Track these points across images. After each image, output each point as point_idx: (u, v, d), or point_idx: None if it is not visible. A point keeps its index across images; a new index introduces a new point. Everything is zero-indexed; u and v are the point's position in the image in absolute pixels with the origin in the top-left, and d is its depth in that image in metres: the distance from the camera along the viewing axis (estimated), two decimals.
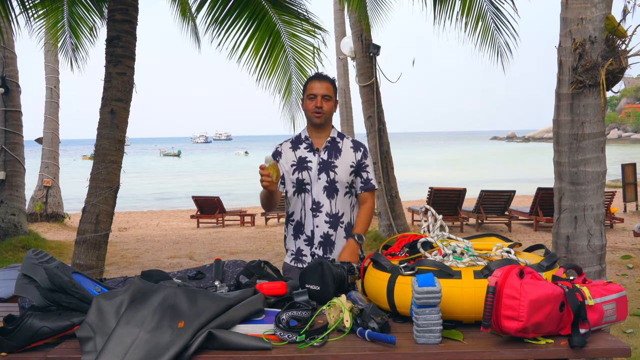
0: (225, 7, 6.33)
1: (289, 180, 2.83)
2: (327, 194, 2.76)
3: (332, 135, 2.84)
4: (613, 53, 2.96)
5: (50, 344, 1.85)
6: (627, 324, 4.79)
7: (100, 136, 5.04)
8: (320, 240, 2.78)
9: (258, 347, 1.76)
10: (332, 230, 2.78)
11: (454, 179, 25.91)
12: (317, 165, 2.78)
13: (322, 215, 2.77)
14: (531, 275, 1.81)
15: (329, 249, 2.78)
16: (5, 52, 9.11)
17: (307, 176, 2.79)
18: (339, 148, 2.82)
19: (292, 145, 2.88)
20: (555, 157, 3.19)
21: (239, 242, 10.47)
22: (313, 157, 2.80)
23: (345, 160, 2.80)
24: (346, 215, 2.80)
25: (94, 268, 4.91)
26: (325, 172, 2.77)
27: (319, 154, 2.80)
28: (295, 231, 2.84)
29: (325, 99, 2.75)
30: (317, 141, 2.83)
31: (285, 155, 2.86)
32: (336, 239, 2.79)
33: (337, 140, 2.84)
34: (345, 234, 2.80)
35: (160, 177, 39.22)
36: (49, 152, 12.97)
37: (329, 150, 2.81)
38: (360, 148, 2.85)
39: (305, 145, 2.84)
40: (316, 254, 2.79)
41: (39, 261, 1.94)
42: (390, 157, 9.06)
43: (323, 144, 2.82)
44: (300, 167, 2.81)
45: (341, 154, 2.80)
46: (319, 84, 2.76)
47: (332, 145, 2.82)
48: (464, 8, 6.46)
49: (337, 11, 13.16)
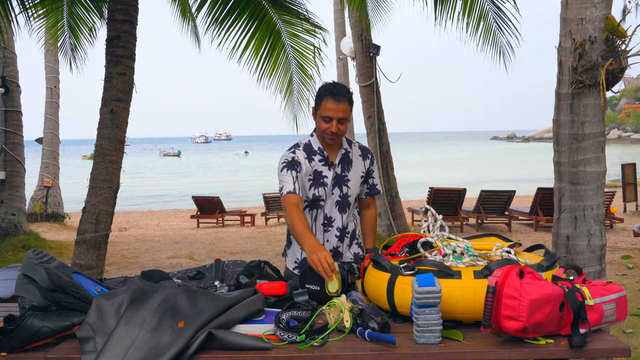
0: (225, 7, 6.33)
1: (303, 194, 2.61)
2: (339, 208, 2.68)
3: (344, 146, 2.67)
4: (613, 53, 2.95)
5: (50, 344, 1.85)
6: (627, 324, 4.79)
7: (100, 136, 5.04)
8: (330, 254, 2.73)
9: (258, 347, 1.76)
10: (340, 242, 2.72)
11: (454, 179, 25.91)
12: (332, 180, 2.64)
13: (334, 230, 2.69)
14: (531, 275, 1.81)
15: (335, 258, 2.68)
16: (5, 52, 9.11)
17: (323, 192, 2.64)
18: (350, 159, 2.69)
19: (306, 155, 2.63)
20: (555, 157, 3.19)
21: (239, 242, 10.47)
22: (328, 172, 2.63)
23: (356, 171, 2.69)
24: (350, 225, 2.76)
25: (94, 268, 4.90)
26: (338, 186, 2.65)
27: (334, 168, 2.64)
28: None
29: (341, 122, 2.52)
30: (332, 154, 2.66)
31: (303, 166, 2.60)
32: (343, 250, 2.75)
33: (348, 150, 2.69)
34: (349, 242, 2.77)
35: (160, 177, 39.22)
36: (49, 152, 12.97)
37: (342, 163, 2.67)
38: (368, 155, 2.74)
39: (320, 158, 2.64)
40: None
41: (39, 261, 1.94)
42: (390, 157, 9.07)
43: (337, 157, 2.66)
44: (317, 182, 2.63)
45: (352, 165, 2.68)
46: (336, 106, 2.49)
47: (344, 157, 2.67)
48: (465, 8, 6.46)
49: (337, 11, 13.16)
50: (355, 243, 2.82)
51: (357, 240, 2.83)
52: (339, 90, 2.52)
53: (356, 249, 2.81)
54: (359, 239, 2.85)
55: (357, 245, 2.83)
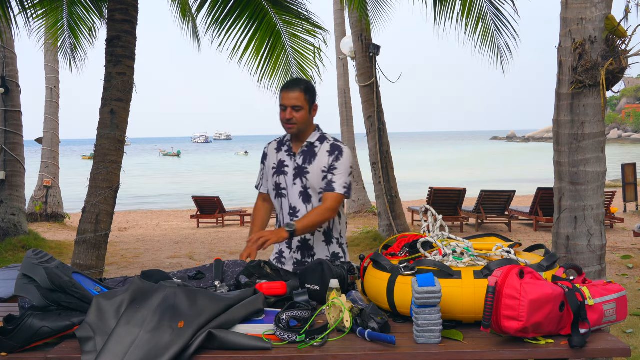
0: (225, 7, 6.33)
1: (271, 183, 2.83)
2: (303, 199, 2.72)
3: (311, 140, 2.75)
4: (613, 53, 2.96)
5: (50, 344, 1.85)
6: (627, 324, 4.79)
7: (100, 136, 5.04)
8: (298, 244, 2.76)
9: (258, 347, 1.76)
10: (310, 234, 2.73)
11: (454, 179, 25.91)
12: (293, 171, 2.74)
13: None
14: (531, 275, 1.81)
15: (307, 253, 2.75)
16: (5, 52, 9.10)
17: (284, 181, 2.77)
18: (315, 153, 2.73)
19: (277, 146, 2.85)
20: (555, 157, 3.19)
21: (239, 242, 10.47)
22: (290, 162, 2.76)
23: (317, 165, 2.70)
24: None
25: (94, 268, 4.91)
26: (299, 177, 2.72)
27: (295, 158, 2.75)
28: None
29: (295, 109, 2.66)
30: (296, 145, 2.79)
31: (270, 157, 2.85)
32: (314, 244, 2.75)
33: (315, 145, 2.74)
34: (324, 238, 2.76)
35: (160, 177, 39.23)
36: (49, 152, 12.96)
37: (304, 155, 2.74)
38: (335, 152, 2.71)
39: (286, 148, 2.81)
40: (295, 258, 2.76)
41: (39, 261, 1.94)
42: (390, 157, 9.06)
43: (299, 149, 2.76)
44: (279, 170, 2.79)
45: (315, 158, 2.72)
46: (288, 94, 2.66)
47: (308, 150, 2.74)
48: (464, 9, 6.46)
49: (337, 11, 13.17)
50: (336, 242, 2.80)
51: (339, 240, 2.81)
52: (292, 81, 2.76)
53: (336, 249, 2.79)
54: (341, 242, 2.83)
55: (338, 245, 2.80)
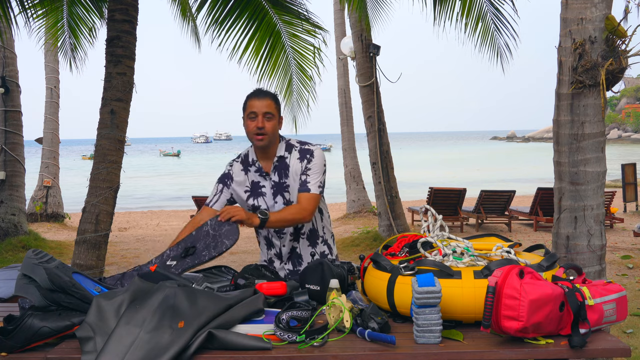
0: (225, 7, 6.33)
1: (245, 206, 2.70)
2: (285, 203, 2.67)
3: (279, 153, 2.65)
4: (613, 53, 2.96)
5: (50, 344, 1.85)
6: (627, 324, 4.79)
7: (100, 136, 5.04)
8: (289, 255, 2.76)
9: (258, 347, 1.76)
10: (296, 243, 2.74)
11: (454, 179, 25.91)
12: (271, 190, 2.66)
13: (287, 235, 2.72)
14: (531, 275, 1.81)
15: (297, 261, 2.75)
16: (5, 52, 9.10)
17: (263, 202, 2.68)
18: (287, 164, 2.65)
19: (242, 166, 2.71)
20: (555, 157, 3.19)
21: (239, 242, 10.46)
22: (265, 182, 2.66)
23: (293, 176, 2.64)
24: (306, 225, 2.73)
25: (94, 268, 4.91)
26: (280, 194, 2.65)
27: (269, 177, 2.66)
28: (267, 242, 2.79)
29: (267, 117, 2.55)
30: (265, 164, 2.67)
31: (237, 178, 2.70)
32: (301, 250, 2.75)
33: (285, 157, 2.65)
34: (308, 242, 2.75)
35: (160, 177, 39.23)
36: (49, 152, 12.96)
37: (277, 170, 2.65)
38: (307, 155, 2.64)
39: (255, 169, 2.68)
40: (287, 269, 2.77)
41: (39, 261, 1.94)
42: (390, 157, 9.06)
43: (271, 166, 2.66)
44: (255, 192, 2.68)
45: (289, 170, 2.64)
46: (259, 102, 2.56)
47: (279, 164, 2.65)
48: (464, 9, 6.46)
49: (337, 11, 13.17)
50: (321, 242, 2.78)
51: (323, 239, 2.79)
52: (259, 90, 2.63)
53: (322, 247, 2.78)
54: (326, 238, 2.80)
55: (324, 244, 2.79)
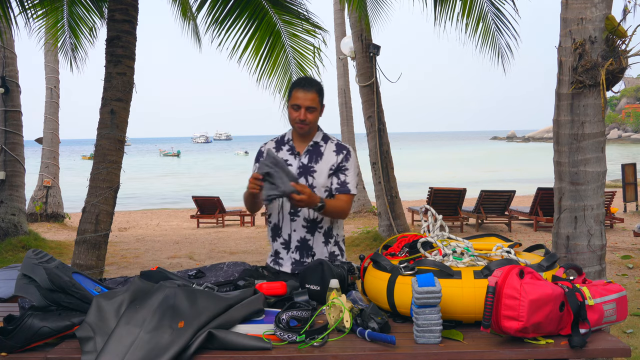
0: (225, 7, 6.33)
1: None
2: None
3: (316, 139, 2.75)
4: (613, 53, 2.96)
5: (50, 344, 1.85)
6: (627, 324, 4.79)
7: (100, 136, 5.04)
8: (297, 244, 2.70)
9: (258, 347, 1.76)
10: (310, 235, 2.70)
11: (454, 179, 25.91)
12: (297, 170, 2.69)
13: (300, 219, 2.68)
14: (531, 275, 1.81)
15: (306, 253, 2.70)
16: (5, 52, 9.10)
17: None
18: (321, 152, 2.73)
19: (275, 145, 2.81)
20: (555, 157, 3.19)
21: (239, 242, 10.47)
22: (294, 161, 2.72)
23: (325, 164, 2.70)
24: (326, 221, 2.71)
25: (94, 268, 4.90)
26: (304, 176, 2.68)
27: (300, 157, 2.72)
28: (273, 233, 2.77)
29: (309, 110, 2.65)
30: (300, 145, 2.76)
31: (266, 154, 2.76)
32: (314, 244, 2.71)
33: (320, 144, 2.75)
34: (324, 239, 2.72)
35: (160, 177, 39.22)
36: (49, 152, 12.96)
37: (310, 154, 2.73)
38: (343, 151, 2.73)
39: (287, 148, 2.77)
40: (293, 259, 2.71)
41: (39, 261, 1.94)
42: (390, 157, 9.06)
43: (305, 148, 2.74)
44: None
45: (322, 157, 2.71)
46: (304, 94, 2.64)
47: (314, 149, 2.73)
48: (464, 9, 6.45)
49: (337, 11, 13.17)
50: (334, 242, 2.76)
51: (336, 240, 2.77)
52: (307, 81, 2.72)
53: (333, 248, 2.75)
54: (337, 237, 2.78)
55: (336, 245, 2.77)
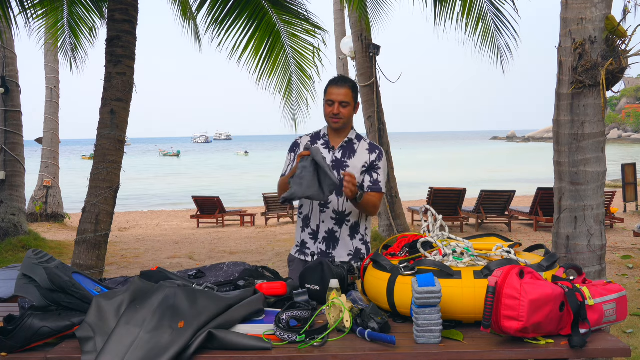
0: (225, 7, 6.32)
1: None
2: (337, 192, 2.76)
3: (350, 136, 2.87)
4: (613, 53, 2.96)
5: (50, 344, 1.85)
6: (627, 324, 4.79)
7: (100, 136, 5.04)
8: (325, 235, 2.80)
9: (258, 347, 1.76)
10: (337, 227, 2.79)
11: (454, 179, 25.90)
12: (331, 163, 2.79)
13: (329, 211, 2.79)
14: (531, 275, 1.81)
15: (332, 244, 2.79)
16: (5, 52, 9.10)
17: None
18: (354, 149, 2.85)
19: (311, 139, 2.92)
20: (555, 157, 3.19)
21: (239, 242, 10.47)
22: (328, 155, 2.83)
23: (357, 160, 2.81)
24: (354, 215, 2.81)
25: (94, 268, 4.90)
26: (337, 170, 2.78)
27: (334, 152, 2.84)
28: (303, 224, 2.87)
29: (342, 105, 2.77)
30: (334, 140, 2.87)
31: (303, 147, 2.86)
32: (340, 236, 2.80)
33: (354, 142, 2.87)
34: (349, 232, 2.80)
35: (160, 177, 39.23)
36: (49, 152, 12.97)
37: (344, 150, 2.84)
38: (376, 150, 2.86)
39: (322, 142, 2.88)
40: (320, 249, 2.80)
41: (39, 261, 1.94)
42: (390, 157, 9.06)
43: (339, 143, 2.85)
44: None
45: (355, 154, 2.83)
46: (337, 90, 2.77)
47: (347, 146, 2.85)
48: (464, 9, 6.45)
49: (337, 11, 13.16)
50: (360, 238, 2.83)
51: (362, 236, 2.84)
52: (341, 78, 2.87)
53: (359, 244, 2.83)
54: (365, 236, 2.87)
55: (362, 241, 2.84)
